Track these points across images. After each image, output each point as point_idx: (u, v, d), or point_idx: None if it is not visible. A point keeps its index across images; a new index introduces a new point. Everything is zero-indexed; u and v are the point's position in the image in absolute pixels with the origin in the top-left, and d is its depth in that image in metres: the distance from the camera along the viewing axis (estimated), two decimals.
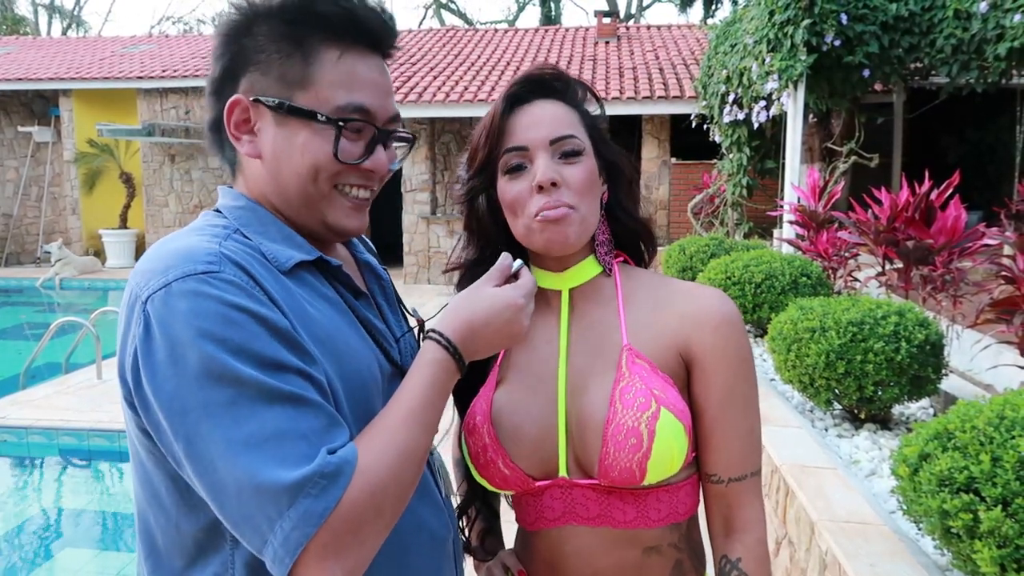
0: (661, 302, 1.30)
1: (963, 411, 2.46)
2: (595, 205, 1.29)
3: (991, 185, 12.83)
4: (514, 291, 1.16)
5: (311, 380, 0.98)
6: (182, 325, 0.93)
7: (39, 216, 17.89)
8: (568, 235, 1.24)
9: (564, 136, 1.25)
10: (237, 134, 1.14)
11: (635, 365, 1.23)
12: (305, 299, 1.08)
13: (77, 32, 38.82)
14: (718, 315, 1.25)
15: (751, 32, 8.63)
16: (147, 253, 1.04)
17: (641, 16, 34.37)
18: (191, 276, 0.95)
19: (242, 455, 0.89)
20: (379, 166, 1.17)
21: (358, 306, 1.20)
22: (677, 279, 1.35)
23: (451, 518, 1.28)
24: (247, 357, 0.93)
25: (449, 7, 37.47)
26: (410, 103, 13.71)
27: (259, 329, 0.95)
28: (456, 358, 1.09)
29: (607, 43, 17.75)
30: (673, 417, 1.18)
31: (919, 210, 5.25)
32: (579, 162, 1.26)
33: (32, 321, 12.90)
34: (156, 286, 0.96)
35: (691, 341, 1.25)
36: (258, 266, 1.04)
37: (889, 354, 3.72)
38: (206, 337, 0.92)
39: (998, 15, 7.18)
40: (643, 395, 1.19)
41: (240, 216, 1.14)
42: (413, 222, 14.66)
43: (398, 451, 0.99)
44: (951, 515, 2.22)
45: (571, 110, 1.31)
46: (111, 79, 16.73)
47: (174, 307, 0.93)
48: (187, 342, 0.92)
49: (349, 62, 1.12)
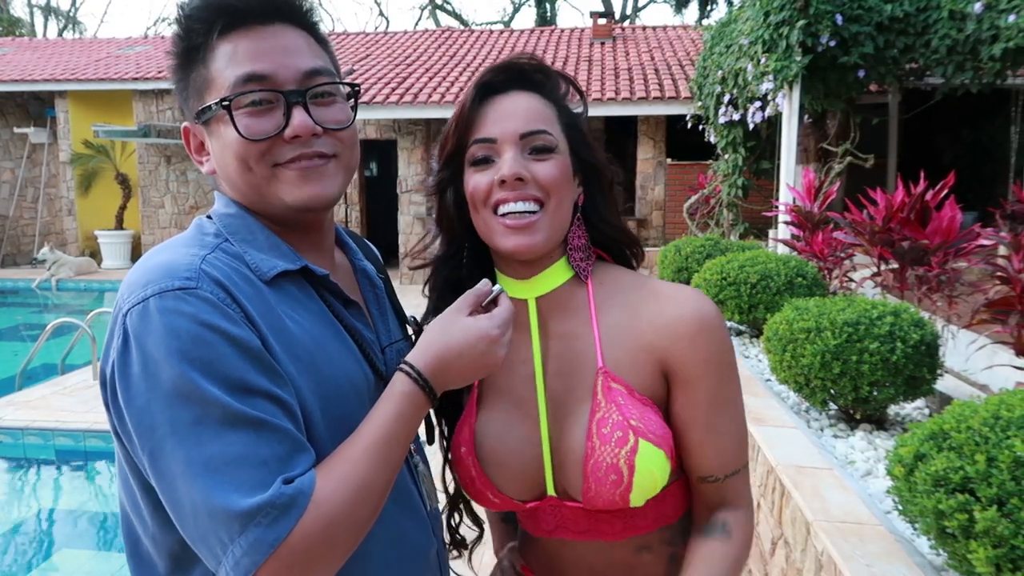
0: (636, 307, 1.22)
1: (958, 411, 2.46)
2: (565, 206, 1.21)
3: (986, 185, 12.86)
4: (489, 322, 1.11)
5: (279, 403, 0.98)
6: (155, 342, 0.94)
7: (35, 217, 17.86)
8: (535, 242, 1.18)
9: (536, 131, 1.18)
10: (198, 158, 1.18)
11: (611, 392, 1.16)
12: (286, 311, 1.08)
13: (73, 33, 38.77)
14: (695, 324, 1.17)
15: (746, 33, 8.64)
16: (136, 264, 1.06)
17: (636, 17, 34.39)
18: (168, 292, 0.97)
19: (200, 476, 0.90)
20: (301, 128, 1.10)
21: (346, 315, 1.18)
22: (654, 278, 1.27)
23: (435, 529, 1.28)
24: (215, 378, 0.93)
25: (444, 8, 37.47)
26: (405, 104, 13.70)
27: (229, 350, 0.96)
28: (426, 391, 1.07)
29: (602, 44, 17.75)
30: (652, 447, 1.13)
31: (914, 210, 5.26)
32: (549, 159, 1.18)
33: (28, 322, 12.88)
34: (135, 300, 0.97)
35: (669, 355, 1.18)
36: (239, 280, 1.04)
37: (885, 354, 3.72)
38: (177, 355, 0.93)
39: (993, 16, 7.20)
40: (620, 428, 1.14)
41: (229, 223, 1.14)
42: (408, 223, 14.65)
43: (356, 484, 0.97)
44: (946, 515, 2.22)
45: (548, 104, 1.23)
46: (107, 80, 16.70)
47: (149, 323, 0.95)
48: (159, 359, 0.94)
49: (231, 42, 1.10)
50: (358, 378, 1.13)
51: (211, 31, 1.10)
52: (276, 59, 1.10)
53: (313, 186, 1.12)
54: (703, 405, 1.18)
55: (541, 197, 1.18)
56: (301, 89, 1.11)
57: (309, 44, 1.15)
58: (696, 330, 1.16)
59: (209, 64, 1.10)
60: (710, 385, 1.17)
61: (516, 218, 1.17)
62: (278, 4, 1.12)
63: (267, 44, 1.10)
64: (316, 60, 1.14)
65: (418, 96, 14.01)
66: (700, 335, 1.16)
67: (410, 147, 14.67)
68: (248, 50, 1.09)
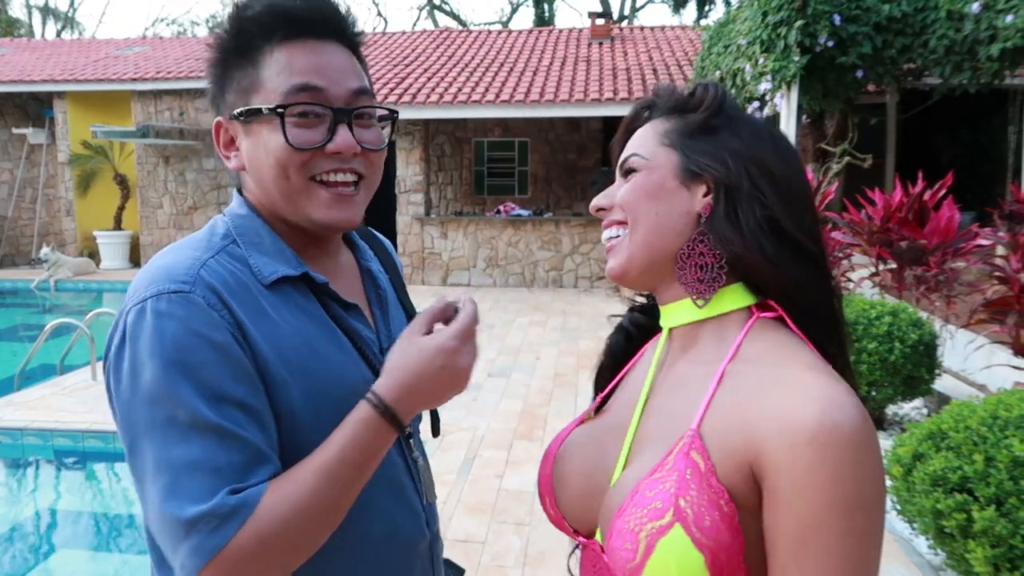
0: (760, 384, 0.94)
1: (957, 411, 2.47)
2: (653, 222, 1.06)
3: (984, 185, 12.88)
4: (443, 336, 1.09)
5: (250, 412, 1.02)
6: (144, 342, 1.00)
7: (34, 218, 17.85)
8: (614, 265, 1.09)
9: (625, 158, 1.11)
10: (226, 153, 1.21)
11: (685, 459, 0.93)
12: (284, 315, 1.12)
13: (71, 34, 38.75)
14: (807, 429, 0.85)
15: (744, 33, 8.64)
16: (146, 264, 1.11)
17: (635, 17, 34.40)
18: (164, 295, 1.03)
19: (161, 477, 0.97)
20: (344, 146, 1.14)
21: (345, 317, 1.21)
22: (804, 359, 0.95)
23: (429, 521, 1.30)
24: (192, 382, 0.99)
25: (443, 8, 37.47)
26: (404, 104, 13.69)
27: (211, 356, 1.01)
28: (388, 417, 1.05)
29: (601, 44, 17.75)
30: (686, 540, 0.88)
31: (913, 211, 5.27)
32: (631, 178, 1.09)
33: (27, 323, 12.86)
34: (135, 300, 1.04)
35: (762, 453, 0.89)
36: (236, 284, 1.09)
37: (883, 354, 3.73)
38: (160, 357, 0.99)
39: (991, 16, 7.20)
40: (664, 500, 0.91)
41: (239, 225, 1.19)
42: (407, 223, 14.65)
43: (299, 505, 0.99)
44: (945, 515, 2.23)
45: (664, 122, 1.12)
46: (105, 81, 16.68)
47: (143, 324, 1.01)
48: (144, 360, 1.00)
49: (287, 52, 1.14)
50: (355, 380, 1.13)
51: (270, 37, 1.14)
52: (330, 75, 1.15)
53: (342, 211, 1.18)
54: (789, 535, 0.86)
55: (624, 219, 1.09)
56: (348, 108, 1.16)
57: (355, 65, 1.21)
58: (807, 437, 0.85)
59: (261, 68, 1.14)
60: (804, 513, 0.85)
61: (607, 243, 1.13)
62: (336, 24, 1.19)
63: (323, 60, 1.15)
64: (363, 81, 1.20)
65: (416, 96, 14.01)
66: (805, 446, 0.85)
67: (409, 147, 14.65)
68: (306, 63, 1.14)
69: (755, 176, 1.02)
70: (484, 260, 14.42)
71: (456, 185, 16.91)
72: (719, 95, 1.08)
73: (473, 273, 14.45)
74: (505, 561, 3.88)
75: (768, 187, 1.01)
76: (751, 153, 1.03)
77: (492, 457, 5.41)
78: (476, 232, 14.40)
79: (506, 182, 16.74)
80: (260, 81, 1.14)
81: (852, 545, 0.85)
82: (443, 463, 5.26)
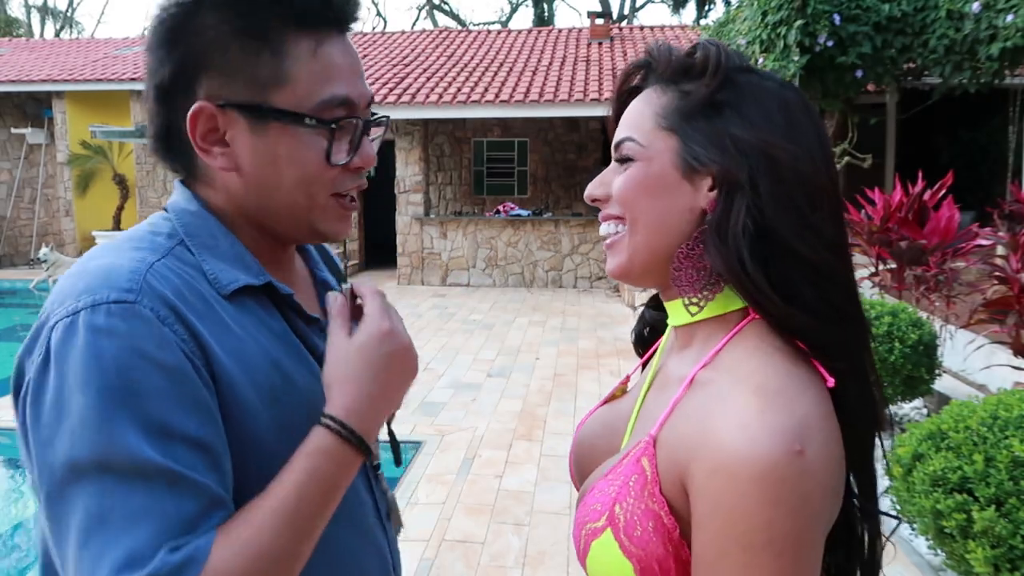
0: (714, 401, 0.86)
1: (956, 411, 2.47)
2: (654, 221, 0.96)
3: (984, 185, 12.88)
4: (369, 323, 0.99)
5: (202, 450, 0.85)
6: (75, 366, 0.82)
7: (32, 218, 17.84)
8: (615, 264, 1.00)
9: (619, 141, 1.00)
10: (205, 146, 0.98)
11: (635, 465, 0.90)
12: (248, 330, 0.96)
13: (70, 34, 38.75)
14: (725, 456, 0.79)
15: (744, 33, 8.64)
16: (75, 265, 0.93)
17: (634, 17, 34.41)
18: (101, 306, 0.84)
19: (92, 536, 0.79)
20: (368, 160, 1.03)
21: (308, 333, 1.07)
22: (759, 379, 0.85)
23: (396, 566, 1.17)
24: (134, 417, 0.81)
25: (442, 8, 37.48)
26: (403, 104, 13.69)
27: (159, 383, 0.83)
28: (352, 440, 0.92)
29: (600, 44, 17.75)
30: (615, 548, 0.87)
31: (912, 210, 5.27)
32: (626, 167, 0.98)
33: (26, 323, 12.85)
34: (64, 312, 0.85)
35: (689, 472, 0.84)
36: (190, 294, 0.92)
37: (883, 354, 3.73)
38: (95, 385, 0.81)
39: (991, 15, 7.20)
40: (603, 502, 0.90)
41: (188, 223, 1.00)
42: (406, 223, 14.64)
43: (257, 555, 0.84)
44: (944, 515, 2.22)
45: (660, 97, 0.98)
46: (104, 80, 16.67)
47: (73, 343, 0.83)
48: (73, 387, 0.81)
49: (318, 46, 0.98)
50: (319, 399, 0.98)
51: (290, 20, 0.96)
52: (357, 81, 1.02)
53: (345, 225, 1.06)
54: (699, 559, 0.83)
55: (621, 214, 0.98)
56: (368, 119, 1.04)
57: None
58: (722, 465, 0.79)
59: (284, 55, 0.96)
60: (709, 541, 0.81)
61: (605, 239, 1.03)
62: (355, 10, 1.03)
63: (352, 61, 1.02)
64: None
65: (416, 96, 14.00)
66: (722, 474, 0.79)
67: (408, 147, 14.65)
68: (342, 66, 1.00)
69: (756, 171, 0.89)
70: (483, 260, 14.42)
71: (455, 185, 16.91)
72: (723, 60, 0.94)
73: (472, 273, 14.45)
74: (505, 561, 3.88)
75: (768, 185, 0.88)
76: (756, 139, 0.90)
77: (491, 457, 5.41)
78: (475, 232, 14.40)
79: (505, 182, 16.74)
80: (287, 76, 0.96)
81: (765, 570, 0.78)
82: (442, 463, 5.25)
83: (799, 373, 0.86)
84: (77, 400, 0.81)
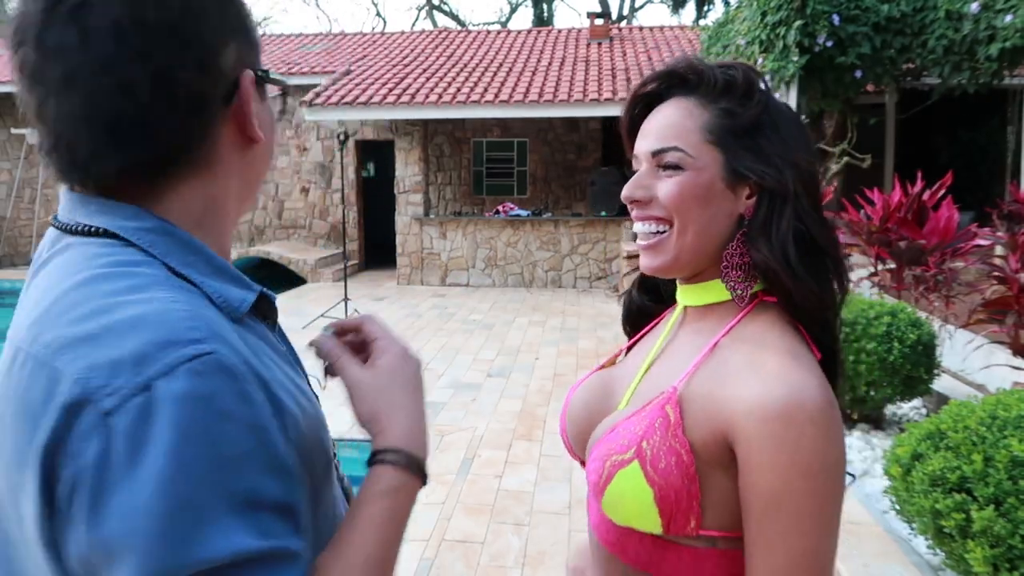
0: (742, 367, 1.02)
1: (955, 411, 2.47)
2: (702, 225, 1.07)
3: (983, 186, 12.88)
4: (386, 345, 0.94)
5: (288, 514, 0.73)
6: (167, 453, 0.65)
7: (32, 218, 17.84)
8: (660, 263, 1.11)
9: (664, 148, 1.08)
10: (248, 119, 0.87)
11: (660, 411, 1.03)
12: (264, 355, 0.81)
13: None
14: (773, 408, 0.95)
15: (743, 33, 8.65)
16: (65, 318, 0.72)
17: (633, 17, 34.41)
18: (181, 367, 0.67)
19: None
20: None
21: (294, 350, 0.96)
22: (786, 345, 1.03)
23: None
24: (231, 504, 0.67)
25: (441, 8, 37.47)
26: (402, 104, 13.69)
27: (246, 448, 0.69)
28: (418, 472, 0.88)
29: (600, 44, 17.76)
30: (640, 477, 1.00)
31: (911, 210, 5.27)
32: (674, 176, 1.07)
33: None
34: (128, 390, 0.65)
35: (736, 425, 0.98)
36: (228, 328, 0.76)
37: (882, 354, 3.73)
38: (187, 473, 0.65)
39: (989, 16, 7.21)
40: (630, 439, 1.03)
41: (153, 243, 0.80)
42: (406, 223, 14.64)
43: None
44: (943, 515, 2.23)
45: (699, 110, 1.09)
46: None
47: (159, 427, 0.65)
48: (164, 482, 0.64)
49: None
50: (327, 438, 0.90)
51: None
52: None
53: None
54: (756, 503, 0.97)
55: (666, 217, 1.08)
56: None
57: None
58: (774, 415, 0.95)
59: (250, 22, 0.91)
60: (770, 483, 0.95)
61: (644, 238, 1.12)
62: None
63: None
64: None
65: (415, 96, 14.00)
66: (773, 422, 0.95)
67: (407, 147, 14.65)
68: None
69: (797, 182, 1.05)
70: (483, 260, 14.42)
71: (455, 185, 16.91)
72: (762, 87, 1.09)
73: (472, 273, 14.45)
74: (504, 561, 3.88)
75: (806, 195, 1.06)
76: (793, 156, 1.07)
77: (491, 457, 5.41)
78: (475, 232, 14.40)
79: (505, 182, 16.74)
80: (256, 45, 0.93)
81: (817, 504, 0.95)
82: (442, 463, 5.25)
83: (804, 346, 1.05)
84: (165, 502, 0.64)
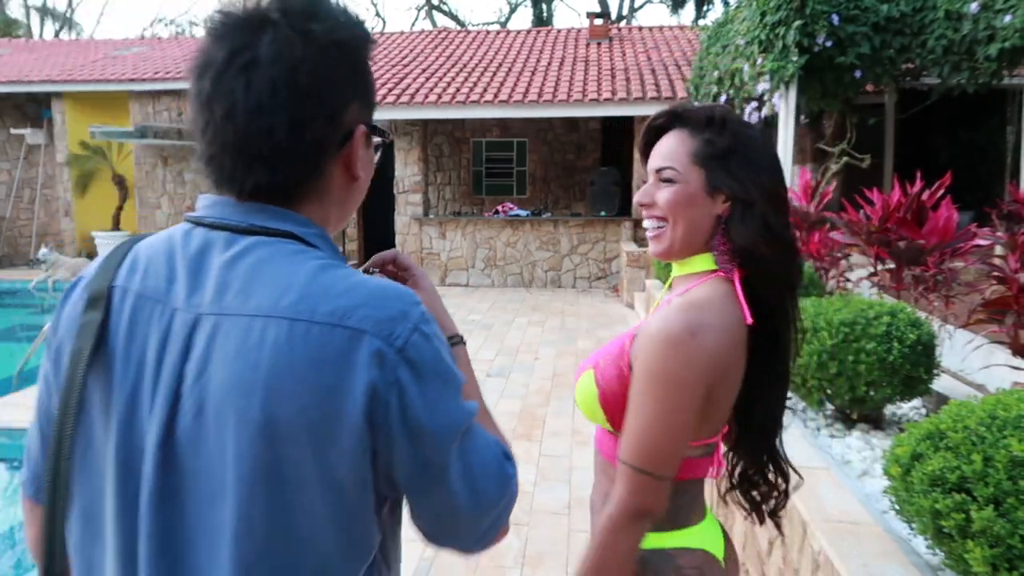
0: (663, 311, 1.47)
1: (955, 411, 2.47)
2: (690, 222, 1.50)
3: (983, 185, 12.87)
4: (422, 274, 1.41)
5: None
6: (433, 363, 1.03)
7: (32, 218, 17.84)
8: (660, 249, 1.54)
9: (662, 167, 1.51)
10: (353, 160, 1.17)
11: (620, 342, 1.53)
12: None
13: (69, 34, 38.73)
14: (647, 332, 1.42)
15: (743, 33, 8.65)
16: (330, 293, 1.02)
17: (633, 17, 34.43)
18: (424, 316, 1.05)
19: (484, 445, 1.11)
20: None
21: None
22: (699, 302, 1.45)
23: None
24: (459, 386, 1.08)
25: (441, 8, 37.47)
26: (402, 104, 13.70)
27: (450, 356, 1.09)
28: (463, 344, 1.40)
29: (599, 44, 17.76)
30: (591, 379, 1.53)
31: (911, 210, 5.26)
32: (668, 187, 1.50)
33: (25, 323, 12.85)
34: (405, 332, 1.01)
35: (634, 346, 1.48)
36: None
37: (881, 354, 3.73)
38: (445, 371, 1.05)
39: (989, 16, 7.21)
40: (596, 356, 1.58)
41: (323, 245, 1.11)
42: (405, 223, 14.65)
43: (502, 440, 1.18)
44: (943, 515, 2.23)
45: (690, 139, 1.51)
46: (103, 81, 16.68)
47: (430, 348, 1.04)
48: (445, 376, 1.05)
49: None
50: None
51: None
52: None
53: None
54: (630, 391, 1.44)
55: (664, 215, 1.52)
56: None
57: None
58: (646, 338, 1.42)
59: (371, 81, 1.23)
60: (635, 382, 1.42)
61: (650, 231, 1.57)
62: None
63: None
64: None
65: (415, 97, 14.01)
66: (643, 339, 1.43)
67: (407, 148, 14.66)
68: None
69: (760, 194, 1.46)
70: (482, 260, 14.43)
71: (454, 185, 16.92)
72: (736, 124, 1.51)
73: (471, 273, 14.46)
74: (504, 561, 3.88)
75: (767, 203, 1.47)
76: (759, 176, 1.47)
77: None
78: (474, 232, 14.41)
79: (504, 182, 16.75)
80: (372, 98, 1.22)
81: (649, 401, 1.39)
82: None
83: (725, 305, 1.45)
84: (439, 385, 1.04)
